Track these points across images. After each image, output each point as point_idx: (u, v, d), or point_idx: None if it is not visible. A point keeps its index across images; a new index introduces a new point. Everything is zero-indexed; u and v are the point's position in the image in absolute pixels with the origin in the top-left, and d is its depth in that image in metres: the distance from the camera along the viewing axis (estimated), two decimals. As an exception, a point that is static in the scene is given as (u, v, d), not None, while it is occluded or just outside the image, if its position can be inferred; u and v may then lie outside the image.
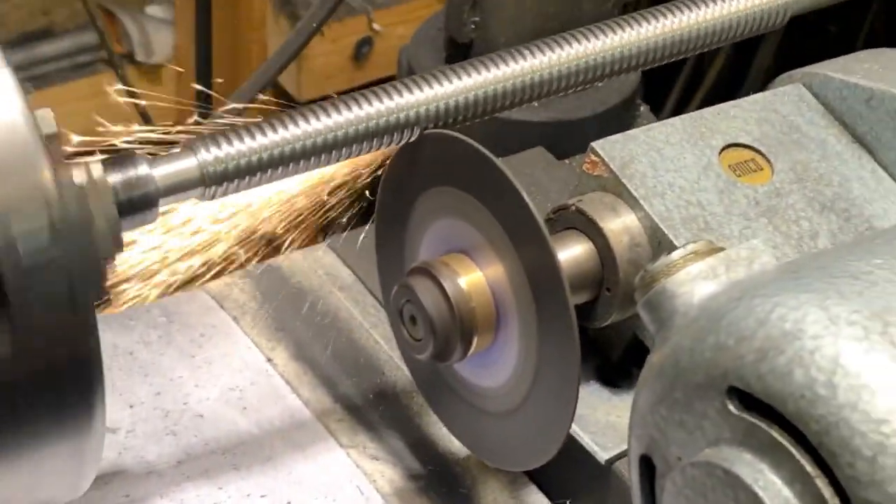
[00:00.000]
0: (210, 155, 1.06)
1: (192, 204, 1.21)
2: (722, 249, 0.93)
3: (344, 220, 1.40)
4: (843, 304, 0.82)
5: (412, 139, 1.17)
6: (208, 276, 1.36)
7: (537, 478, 1.27)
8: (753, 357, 0.82)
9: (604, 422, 1.20)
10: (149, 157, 1.04)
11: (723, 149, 1.25)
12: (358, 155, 1.17)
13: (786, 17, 1.30)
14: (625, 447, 1.18)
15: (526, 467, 1.22)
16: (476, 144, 1.12)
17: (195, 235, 1.30)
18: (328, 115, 1.12)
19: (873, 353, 0.79)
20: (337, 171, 1.35)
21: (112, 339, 1.37)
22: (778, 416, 0.81)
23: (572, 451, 1.18)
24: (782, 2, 1.28)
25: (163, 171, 1.04)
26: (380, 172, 1.29)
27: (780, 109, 1.30)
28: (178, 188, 1.05)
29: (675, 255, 0.93)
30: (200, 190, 1.06)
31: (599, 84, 1.26)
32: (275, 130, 1.10)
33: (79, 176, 0.98)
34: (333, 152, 1.13)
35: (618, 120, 1.48)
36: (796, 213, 1.23)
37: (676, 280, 0.92)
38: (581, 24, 1.25)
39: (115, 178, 1.01)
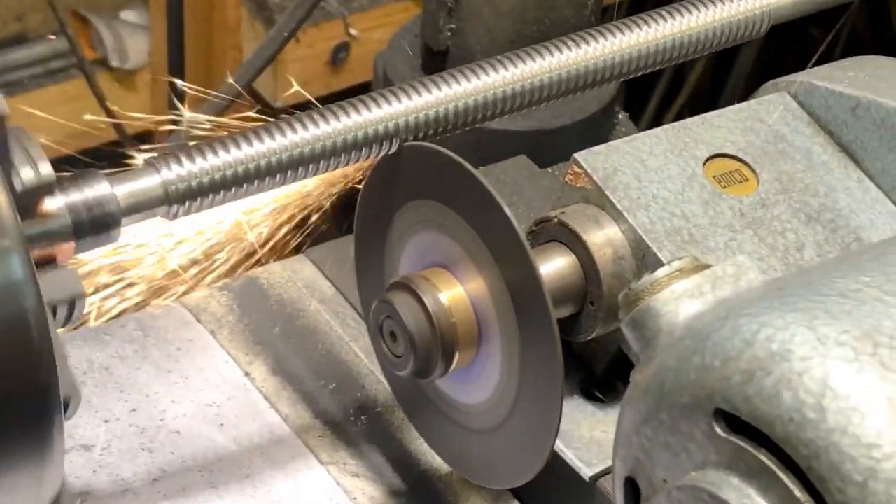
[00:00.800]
0: (174, 172, 1.05)
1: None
2: (708, 266, 0.93)
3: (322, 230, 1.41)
4: (831, 323, 0.81)
5: (390, 152, 1.17)
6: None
7: (521, 494, 1.26)
8: (740, 378, 0.82)
9: (588, 437, 1.20)
10: (109, 174, 1.03)
11: (707, 159, 1.25)
12: (333, 169, 1.17)
13: (766, 26, 1.30)
14: (610, 463, 1.18)
15: (510, 485, 1.21)
16: (456, 157, 1.12)
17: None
18: (301, 129, 1.12)
19: (863, 375, 0.79)
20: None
21: (87, 353, 1.37)
22: (766, 440, 0.81)
23: (556, 467, 1.17)
24: (762, 11, 1.29)
25: (125, 190, 1.03)
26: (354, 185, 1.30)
27: (765, 118, 1.30)
28: (141, 207, 1.04)
29: (660, 272, 0.93)
30: (165, 208, 1.05)
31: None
32: (243, 146, 1.09)
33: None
34: (309, 166, 1.13)
35: (597, 128, 1.49)
36: (782, 224, 1.23)
37: (661, 298, 0.91)
38: (560, 31, 1.27)
39: (74, 196, 1.00)
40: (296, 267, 1.45)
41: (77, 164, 1.22)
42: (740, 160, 1.26)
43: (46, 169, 0.97)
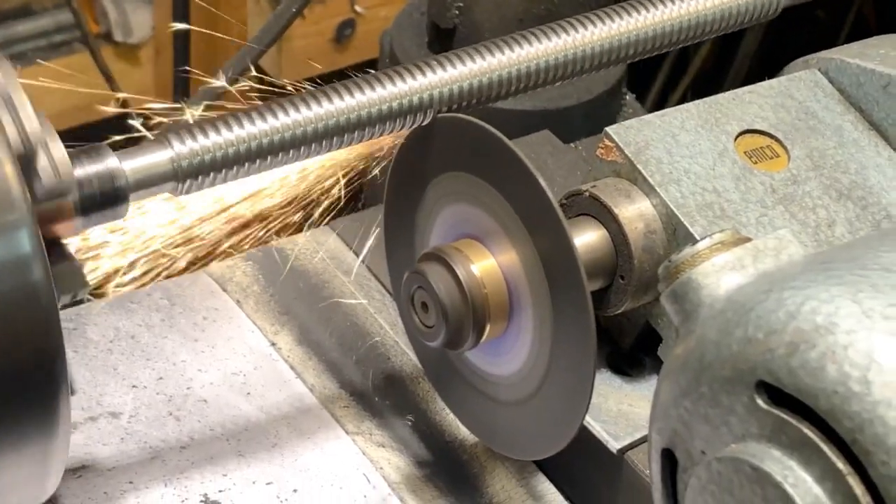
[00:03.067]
0: (184, 147, 1.05)
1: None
2: (748, 240, 0.92)
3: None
4: (877, 297, 0.81)
5: (423, 123, 1.17)
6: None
7: (546, 466, 1.26)
8: (784, 351, 0.81)
9: (615, 410, 1.20)
10: (119, 149, 1.03)
11: (738, 135, 1.25)
12: (349, 144, 1.16)
13: (778, 9, 1.29)
14: (637, 436, 1.19)
15: (537, 457, 1.22)
16: (492, 129, 1.11)
17: None
18: (316, 104, 1.11)
19: None
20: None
21: (114, 321, 1.37)
22: (809, 412, 0.80)
23: (583, 439, 1.17)
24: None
25: (134, 165, 1.02)
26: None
27: (796, 95, 1.30)
28: (150, 182, 1.04)
29: (701, 245, 0.92)
30: (173, 184, 1.05)
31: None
32: (255, 121, 1.08)
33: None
34: (323, 141, 1.12)
35: (604, 108, 1.49)
36: (813, 201, 1.23)
37: (702, 271, 0.91)
38: (568, 10, 1.26)
39: (83, 170, 0.99)
40: (320, 238, 1.45)
41: (80, 137, 1.22)
42: (771, 136, 1.25)
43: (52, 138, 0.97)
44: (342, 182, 1.38)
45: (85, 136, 1.17)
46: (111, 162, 1.00)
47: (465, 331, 1.13)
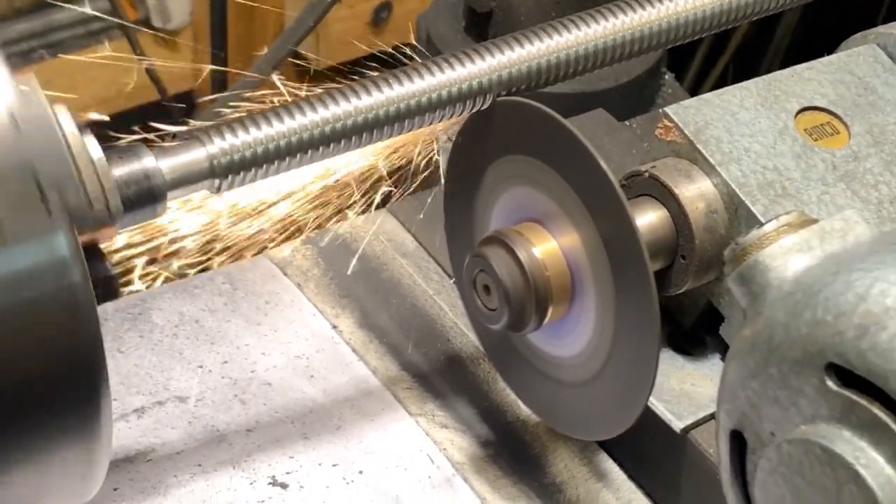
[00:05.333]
0: (220, 145, 1.04)
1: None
2: (815, 221, 0.92)
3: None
4: None
5: (483, 107, 1.15)
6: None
7: (608, 445, 1.27)
8: (854, 333, 0.81)
9: (678, 390, 1.20)
10: (155, 147, 1.02)
11: (798, 112, 1.24)
12: (388, 137, 1.15)
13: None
14: (700, 416, 1.19)
15: (601, 437, 1.22)
16: (551, 111, 1.11)
17: None
18: (354, 97, 1.10)
19: None
20: None
21: (178, 306, 1.38)
22: (879, 393, 0.80)
23: (646, 419, 1.16)
24: None
25: (170, 163, 1.02)
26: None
27: (855, 71, 1.29)
28: (187, 181, 1.03)
29: (768, 227, 0.92)
30: (210, 182, 1.04)
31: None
32: (291, 116, 1.07)
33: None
34: (364, 135, 1.11)
35: (643, 90, 1.48)
36: (875, 177, 1.22)
37: (769, 253, 0.90)
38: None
39: (120, 171, 0.98)
40: (377, 221, 1.45)
41: (117, 124, 1.22)
42: (831, 113, 1.24)
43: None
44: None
45: (124, 122, 1.19)
46: (148, 161, 1.00)
47: (527, 313, 1.13)
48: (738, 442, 0.90)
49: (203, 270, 1.38)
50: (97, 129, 1.06)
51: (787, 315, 0.85)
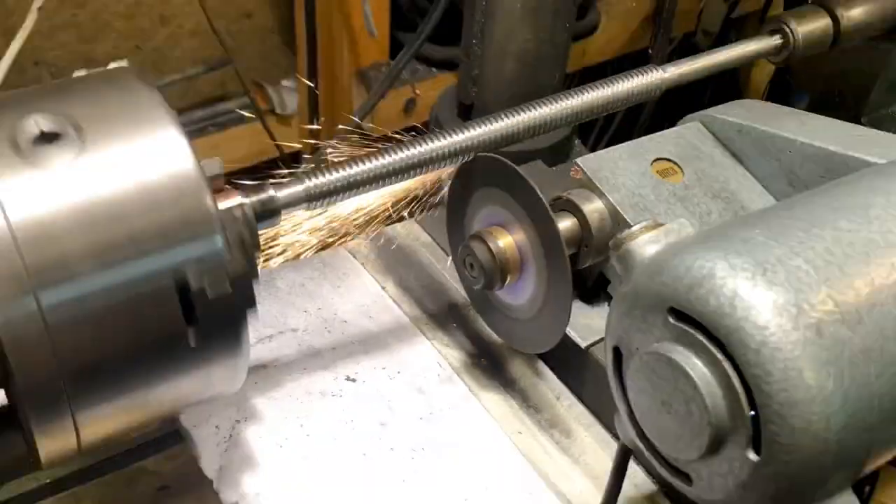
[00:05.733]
0: (311, 182, 1.02)
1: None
2: (662, 224, 0.91)
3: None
4: (738, 257, 0.80)
5: (469, 159, 1.15)
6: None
7: (545, 357, 1.26)
8: (684, 289, 0.81)
9: (583, 324, 1.18)
10: (274, 184, 1.01)
11: (653, 161, 1.22)
12: (414, 177, 1.14)
13: (661, 92, 1.25)
14: (596, 338, 1.18)
15: (539, 351, 1.21)
16: (508, 161, 1.10)
17: None
18: (391, 154, 1.09)
19: (757, 287, 0.78)
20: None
21: (292, 276, 1.35)
22: (699, 326, 0.80)
23: (565, 340, 1.15)
24: (658, 83, 1.23)
25: (282, 193, 0.99)
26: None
27: (687, 136, 1.27)
28: (292, 204, 1.01)
29: (635, 228, 0.91)
30: (305, 205, 1.02)
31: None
32: (350, 166, 1.06)
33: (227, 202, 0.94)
34: (398, 177, 1.10)
35: (561, 149, 1.43)
36: (698, 200, 1.20)
37: (635, 243, 0.90)
38: (542, 92, 1.22)
39: (253, 198, 0.96)
40: (408, 226, 1.43)
41: (256, 171, 1.19)
42: (673, 161, 1.23)
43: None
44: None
45: (258, 172, 1.17)
46: (269, 192, 0.98)
47: (495, 279, 1.12)
48: (617, 354, 0.90)
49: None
50: (243, 175, 1.07)
51: (645, 279, 0.85)
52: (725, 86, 2.73)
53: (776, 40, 1.32)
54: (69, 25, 2.23)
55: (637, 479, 1.12)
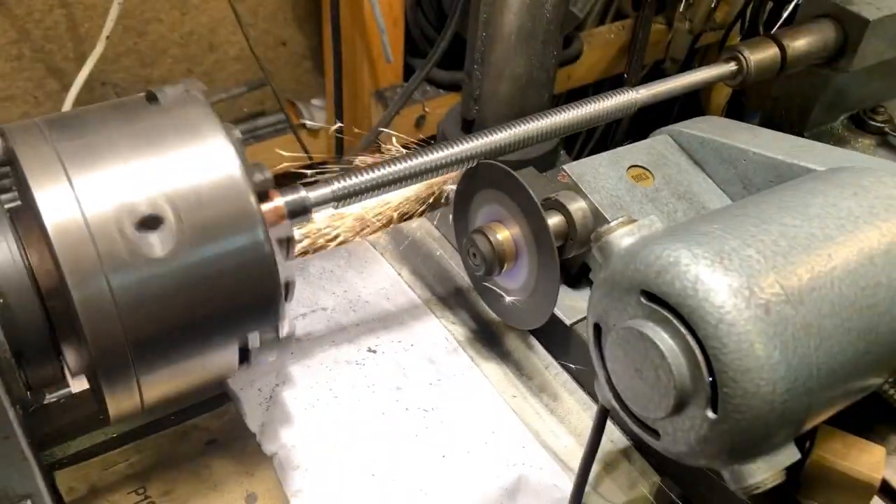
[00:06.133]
0: (336, 185, 1.01)
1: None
2: (635, 221, 0.91)
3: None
4: (700, 248, 0.80)
5: (472, 165, 1.14)
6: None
7: (536, 333, 1.25)
8: (654, 275, 0.81)
9: (568, 304, 1.18)
10: (306, 185, 1.00)
11: (628, 168, 1.22)
12: (432, 178, 1.12)
13: (636, 109, 1.23)
14: (579, 317, 1.17)
15: (531, 327, 1.20)
16: (506, 167, 1.10)
17: None
18: (405, 161, 1.08)
19: (716, 273, 0.78)
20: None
21: (322, 263, 1.34)
22: (667, 305, 0.80)
23: (553, 319, 1.16)
24: (632, 102, 1.21)
25: (313, 194, 0.98)
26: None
27: (657, 147, 1.27)
28: (320, 203, 1.00)
29: (613, 224, 0.91)
30: (333, 204, 1.01)
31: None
32: (369, 172, 1.05)
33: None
34: (418, 177, 1.09)
35: (549, 158, 1.42)
36: (666, 200, 1.20)
37: (614, 236, 0.90)
38: (532, 110, 1.22)
39: (287, 198, 0.95)
40: (422, 222, 1.43)
41: (291, 176, 1.19)
42: (645, 168, 1.23)
43: (269, 175, 0.92)
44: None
45: (293, 177, 1.16)
46: (301, 193, 0.97)
47: (494, 267, 1.13)
48: (598, 329, 0.90)
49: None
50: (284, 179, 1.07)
51: (621, 266, 0.85)
52: (690, 105, 2.73)
53: (732, 66, 1.32)
54: (131, 52, 2.22)
55: (614, 436, 1.13)
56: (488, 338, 1.26)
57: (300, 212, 0.96)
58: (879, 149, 1.66)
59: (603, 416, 0.96)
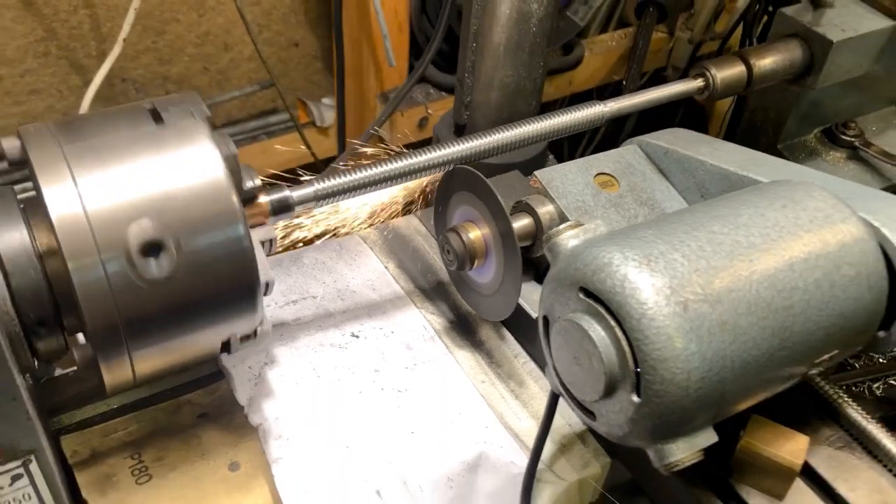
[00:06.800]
0: (318, 185, 1.07)
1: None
2: (581, 224, 0.96)
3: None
4: (631, 250, 0.87)
5: (449, 169, 1.20)
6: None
7: (507, 324, 1.30)
8: (591, 274, 0.87)
9: (535, 299, 1.16)
10: (290, 185, 1.05)
11: (596, 175, 1.26)
12: (420, 178, 1.18)
13: (604, 120, 1.28)
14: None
15: (498, 319, 1.23)
16: (478, 172, 1.15)
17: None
18: (390, 162, 1.13)
19: (643, 273, 0.84)
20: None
21: (314, 255, 1.38)
22: (600, 300, 0.86)
23: (522, 312, 1.21)
24: (600, 115, 1.26)
25: (296, 193, 1.04)
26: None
27: (626, 156, 1.30)
28: (303, 202, 1.05)
29: (561, 227, 0.96)
30: (314, 203, 1.06)
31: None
32: (352, 173, 1.09)
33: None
34: (392, 181, 1.14)
35: (537, 162, 1.45)
36: (629, 206, 1.24)
37: (561, 238, 0.96)
38: (520, 117, 1.26)
39: (272, 196, 1.01)
40: (409, 219, 1.47)
41: (295, 173, 1.26)
42: (611, 175, 1.26)
43: (258, 182, 0.99)
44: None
45: (295, 175, 1.24)
46: (285, 192, 1.02)
47: (465, 263, 1.18)
48: (546, 321, 0.95)
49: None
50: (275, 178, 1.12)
51: (565, 265, 0.91)
52: (693, 111, 2.78)
53: (699, 83, 1.38)
54: (150, 50, 2.30)
55: (571, 420, 1.19)
56: (464, 328, 1.31)
57: (283, 209, 1.02)
58: (850, 162, 1.73)
59: (554, 400, 1.02)
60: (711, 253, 0.89)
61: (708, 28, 2.76)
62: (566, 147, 2.69)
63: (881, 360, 1.97)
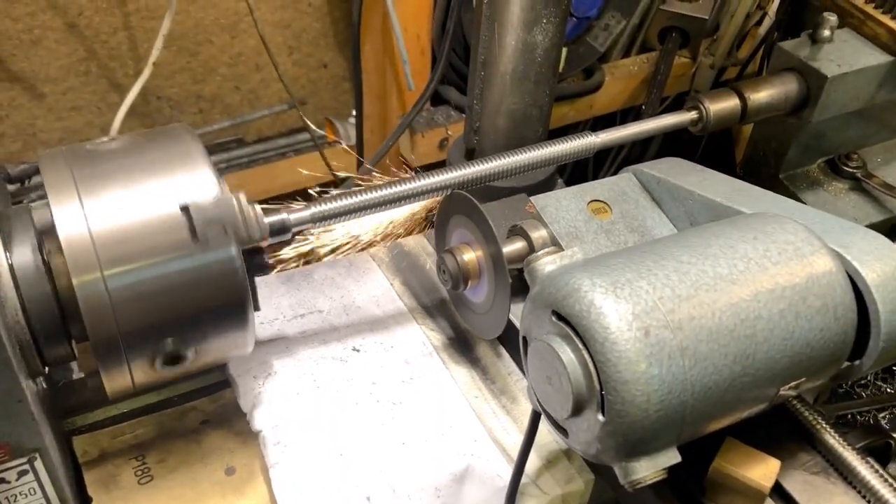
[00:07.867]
0: (315, 208, 1.09)
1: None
2: (561, 250, 1.00)
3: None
4: (599, 278, 0.90)
5: (447, 194, 1.23)
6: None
7: (502, 342, 1.33)
8: (562, 298, 0.90)
9: (519, 314, 1.21)
10: (289, 208, 1.07)
11: (589, 202, 1.28)
12: (422, 200, 1.20)
13: (594, 151, 1.29)
14: None
15: (489, 337, 1.26)
16: (472, 197, 1.18)
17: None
18: (383, 189, 1.15)
19: (608, 300, 0.88)
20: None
21: (323, 272, 1.42)
22: (569, 324, 0.89)
23: (510, 327, 1.22)
24: (591, 146, 1.28)
25: (293, 216, 1.07)
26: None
27: (620, 184, 1.32)
28: (300, 224, 1.07)
29: (540, 252, 1.00)
30: (310, 225, 1.09)
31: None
32: (350, 197, 1.12)
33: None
34: (388, 205, 1.16)
35: (546, 186, 1.45)
36: (620, 232, 1.26)
37: (539, 263, 0.99)
38: (526, 143, 1.28)
39: (271, 218, 1.04)
40: (417, 239, 1.49)
41: (322, 188, 1.30)
42: (604, 202, 1.29)
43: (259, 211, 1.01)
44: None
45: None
46: (283, 215, 1.05)
47: (460, 283, 1.21)
48: (525, 341, 0.99)
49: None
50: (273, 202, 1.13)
51: (541, 289, 0.94)
52: (719, 133, 2.78)
53: (693, 115, 1.40)
54: (184, 70, 2.37)
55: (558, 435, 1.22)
56: (462, 344, 1.34)
57: (280, 231, 1.06)
58: (851, 193, 1.74)
59: (536, 416, 1.05)
60: (677, 281, 0.92)
61: (730, 53, 2.77)
62: (591, 166, 2.70)
63: (889, 390, 1.98)
